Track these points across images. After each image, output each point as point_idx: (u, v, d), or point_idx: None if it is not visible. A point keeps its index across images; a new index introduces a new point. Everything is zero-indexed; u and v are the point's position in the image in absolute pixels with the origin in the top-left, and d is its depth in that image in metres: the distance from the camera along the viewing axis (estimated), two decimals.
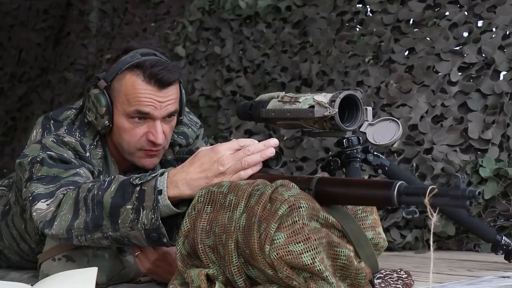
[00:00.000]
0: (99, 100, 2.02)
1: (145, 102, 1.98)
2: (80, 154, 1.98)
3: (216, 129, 3.87)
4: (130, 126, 2.02)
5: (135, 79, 1.99)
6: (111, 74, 2.02)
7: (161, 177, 1.68)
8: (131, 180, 1.70)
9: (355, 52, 3.45)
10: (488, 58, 2.98)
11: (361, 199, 1.52)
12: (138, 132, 2.02)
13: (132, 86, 1.99)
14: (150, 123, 2.02)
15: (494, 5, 3.07)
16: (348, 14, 3.56)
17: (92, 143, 2.07)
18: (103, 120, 2.02)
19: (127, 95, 1.99)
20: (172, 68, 2.01)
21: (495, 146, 2.83)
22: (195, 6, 4.25)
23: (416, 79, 3.13)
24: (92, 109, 2.04)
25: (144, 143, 2.03)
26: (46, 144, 1.97)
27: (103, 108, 2.01)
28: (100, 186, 1.73)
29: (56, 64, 5.36)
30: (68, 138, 2.00)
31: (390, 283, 1.90)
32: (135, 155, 2.06)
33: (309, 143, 3.37)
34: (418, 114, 3.04)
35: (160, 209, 1.66)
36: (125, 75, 2.00)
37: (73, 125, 2.07)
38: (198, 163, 1.67)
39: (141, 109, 1.99)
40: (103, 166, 2.08)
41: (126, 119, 2.01)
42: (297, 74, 3.64)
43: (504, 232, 2.66)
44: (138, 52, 2.02)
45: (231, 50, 3.99)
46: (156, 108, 1.99)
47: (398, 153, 3.06)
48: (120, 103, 2.01)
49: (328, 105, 2.04)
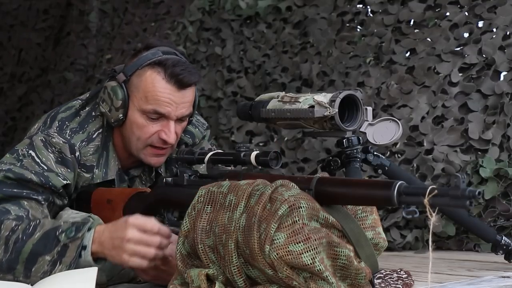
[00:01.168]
0: (116, 93, 2.01)
1: (164, 102, 1.99)
2: (63, 157, 1.98)
3: (217, 129, 3.87)
4: (144, 123, 2.02)
5: (156, 76, 1.98)
6: (131, 68, 2.02)
7: (88, 232, 1.75)
8: (57, 233, 1.77)
9: (355, 53, 3.45)
10: (489, 58, 2.98)
11: (361, 199, 1.53)
12: (151, 129, 2.02)
13: (152, 83, 1.98)
14: (164, 122, 2.01)
15: (494, 5, 3.07)
16: (348, 14, 3.55)
17: (85, 139, 2.05)
18: (118, 113, 2.01)
19: (146, 92, 1.99)
20: (193, 70, 2.02)
21: (495, 146, 2.82)
22: (195, 6, 4.25)
23: (416, 80, 3.12)
24: (107, 100, 2.03)
25: (155, 140, 2.03)
26: (34, 142, 1.98)
27: (119, 102, 2.00)
28: (25, 230, 1.80)
29: (56, 64, 5.36)
30: (56, 139, 1.99)
31: (390, 283, 1.90)
32: (143, 152, 2.05)
33: (310, 144, 3.37)
34: (419, 115, 3.03)
35: (80, 264, 1.74)
36: (146, 71, 2.00)
37: (71, 120, 2.06)
38: (116, 231, 1.74)
39: (159, 109, 1.99)
40: (99, 160, 2.07)
41: (140, 115, 2.01)
42: (297, 74, 3.63)
43: (504, 232, 2.65)
44: (159, 49, 2.02)
45: (231, 50, 3.98)
46: (173, 109, 2.00)
47: (399, 154, 3.06)
48: (138, 99, 2.00)
49: (328, 105, 2.04)
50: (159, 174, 2.17)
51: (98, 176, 2.07)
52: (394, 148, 3.07)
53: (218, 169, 1.84)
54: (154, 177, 2.18)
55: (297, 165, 3.41)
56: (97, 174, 2.07)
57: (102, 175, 2.07)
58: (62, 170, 1.98)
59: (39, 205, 1.95)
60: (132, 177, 2.17)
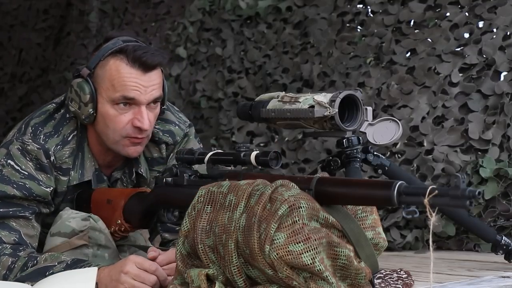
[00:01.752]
0: (83, 88, 1.99)
1: (130, 86, 1.96)
2: (41, 163, 1.99)
3: (217, 130, 3.86)
4: (115, 113, 1.99)
5: (119, 63, 1.97)
6: (93, 61, 2.00)
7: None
8: (47, 273, 1.82)
9: (356, 53, 3.45)
10: (489, 59, 2.98)
11: (361, 199, 1.52)
12: (123, 119, 1.99)
13: (116, 70, 1.97)
14: (136, 109, 1.99)
15: (494, 5, 3.07)
16: (348, 15, 3.55)
17: (59, 143, 2.03)
18: (87, 108, 1.99)
19: (112, 80, 1.97)
20: (155, 52, 2.00)
21: (495, 146, 2.83)
22: (195, 6, 4.24)
23: (417, 80, 3.13)
24: (75, 98, 2.00)
25: (130, 130, 2.00)
26: (11, 151, 1.99)
27: (87, 96, 1.98)
28: (22, 268, 1.88)
29: (56, 64, 5.35)
30: (31, 146, 1.99)
31: (390, 283, 1.90)
32: (120, 144, 2.02)
33: (311, 145, 3.37)
34: (419, 116, 3.03)
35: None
36: (108, 60, 1.98)
37: (44, 125, 2.05)
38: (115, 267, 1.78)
39: (127, 94, 1.96)
40: (75, 162, 2.06)
41: (111, 106, 1.98)
42: (298, 75, 3.63)
43: (504, 232, 2.66)
44: (119, 39, 2.01)
45: (232, 51, 3.98)
46: (141, 92, 1.97)
47: (399, 154, 3.06)
48: (105, 89, 1.98)
49: (328, 105, 2.04)
50: (140, 175, 2.15)
51: (74, 178, 2.06)
52: (395, 148, 3.07)
53: (218, 169, 1.84)
54: (135, 179, 2.17)
55: (298, 165, 3.41)
56: (73, 176, 2.06)
57: (78, 177, 2.06)
58: (43, 176, 1.99)
59: (28, 221, 1.98)
60: (114, 180, 2.15)
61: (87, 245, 1.95)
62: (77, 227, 1.96)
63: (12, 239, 1.94)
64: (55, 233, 1.98)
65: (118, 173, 2.15)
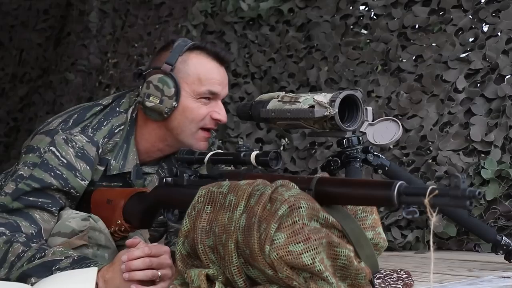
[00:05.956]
0: (166, 83, 2.06)
1: (216, 81, 2.09)
2: (84, 153, 2.01)
3: (224, 133, 3.84)
4: (197, 106, 2.08)
5: (202, 58, 2.09)
6: (171, 58, 2.07)
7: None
8: (53, 268, 1.82)
9: (362, 59, 3.41)
10: (493, 63, 2.97)
11: (361, 199, 1.52)
12: (203, 111, 2.09)
13: (201, 64, 2.08)
14: (213, 103, 2.10)
15: (498, 9, 3.06)
16: (352, 17, 3.52)
17: (106, 135, 2.07)
18: (171, 101, 2.05)
19: (198, 74, 2.07)
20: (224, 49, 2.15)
21: (497, 148, 2.83)
22: (197, 8, 4.23)
23: (425, 88, 3.11)
24: (155, 93, 2.06)
25: (207, 122, 2.10)
26: (55, 140, 2.01)
27: (172, 90, 2.05)
28: (30, 259, 1.85)
29: (57, 65, 5.36)
30: (79, 137, 2.03)
31: (390, 283, 1.90)
32: (195, 137, 2.10)
33: (322, 155, 3.34)
34: (429, 125, 3.03)
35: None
36: (189, 55, 2.09)
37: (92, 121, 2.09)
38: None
39: (212, 89, 2.08)
40: (118, 152, 2.09)
41: (193, 99, 2.08)
42: (305, 80, 3.60)
43: (504, 233, 2.66)
44: (184, 40, 2.11)
45: (236, 54, 3.96)
46: (222, 87, 2.11)
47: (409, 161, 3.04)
48: (189, 83, 2.07)
49: (328, 105, 2.04)
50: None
51: (115, 167, 2.09)
52: (404, 158, 3.05)
53: (218, 169, 1.84)
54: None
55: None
56: (114, 166, 2.09)
57: (119, 167, 2.09)
58: (81, 165, 2.02)
59: (51, 217, 1.99)
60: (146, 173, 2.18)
61: (87, 245, 1.95)
62: (77, 227, 1.96)
63: (30, 232, 1.96)
64: (55, 233, 1.98)
65: (151, 168, 2.19)
